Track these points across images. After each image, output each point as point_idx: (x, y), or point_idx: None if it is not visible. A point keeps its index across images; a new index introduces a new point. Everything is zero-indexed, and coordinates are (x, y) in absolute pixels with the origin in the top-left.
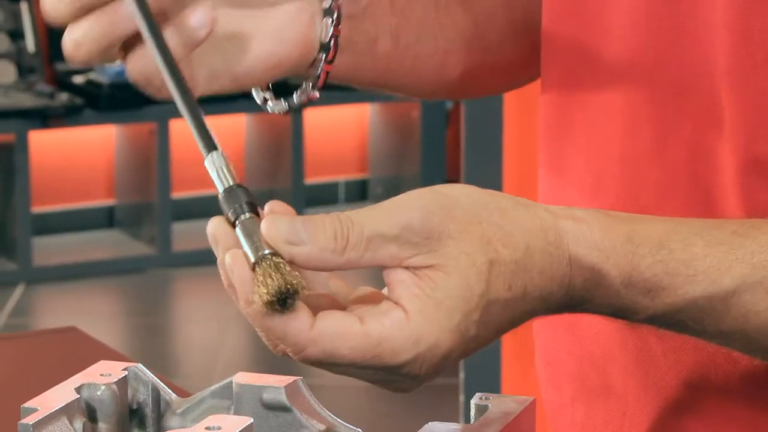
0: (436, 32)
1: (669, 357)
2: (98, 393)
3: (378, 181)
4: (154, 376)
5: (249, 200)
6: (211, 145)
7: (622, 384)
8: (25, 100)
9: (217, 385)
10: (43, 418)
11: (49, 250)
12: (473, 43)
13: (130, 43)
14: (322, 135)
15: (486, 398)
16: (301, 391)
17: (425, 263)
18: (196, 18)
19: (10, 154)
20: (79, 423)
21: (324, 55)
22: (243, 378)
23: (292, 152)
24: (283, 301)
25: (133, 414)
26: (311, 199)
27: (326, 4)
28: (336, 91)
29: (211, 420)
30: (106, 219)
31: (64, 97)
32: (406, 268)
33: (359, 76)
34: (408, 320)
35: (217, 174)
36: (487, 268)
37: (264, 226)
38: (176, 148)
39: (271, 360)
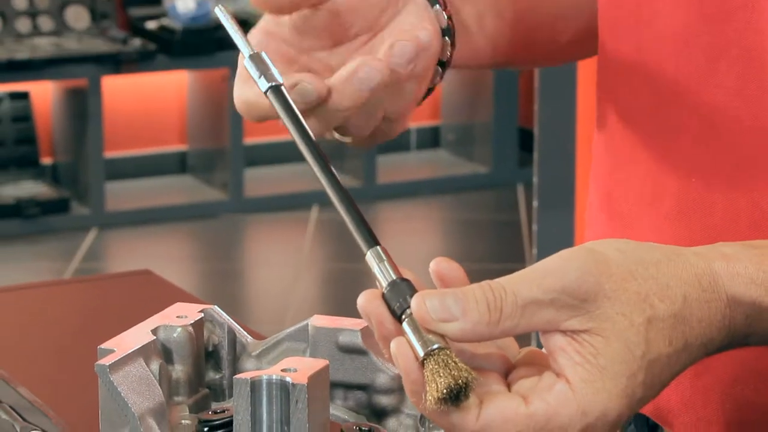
0: (540, 1)
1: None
2: (174, 335)
3: (450, 128)
4: (230, 319)
5: (413, 293)
6: (371, 242)
7: None
8: (98, 45)
9: (292, 328)
10: (119, 359)
11: (121, 195)
12: (582, 4)
13: None
14: None
15: None
16: None
17: (583, 327)
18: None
19: (83, 99)
20: (155, 364)
21: (449, 39)
22: (319, 321)
23: None
24: (454, 398)
25: (208, 356)
26: (383, 145)
27: None
28: None
29: (287, 362)
30: (178, 164)
31: (137, 42)
32: (564, 332)
33: (474, 57)
34: (573, 392)
35: (379, 269)
36: (645, 327)
37: (413, 304)
38: None
39: (342, 306)
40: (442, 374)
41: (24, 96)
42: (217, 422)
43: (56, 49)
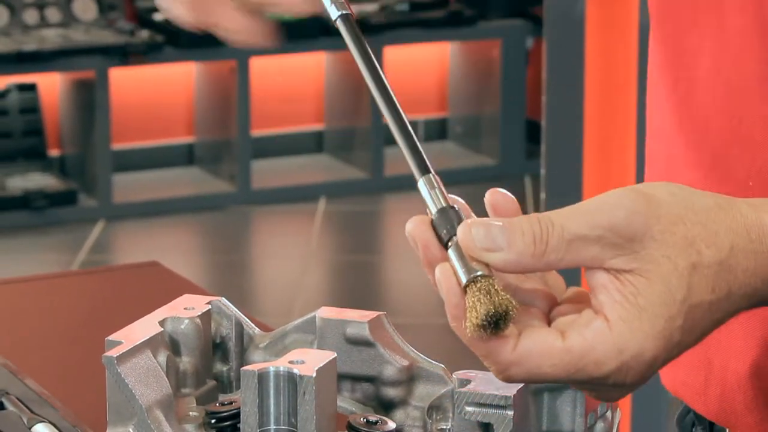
0: None
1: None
2: (182, 326)
3: (457, 120)
4: (237, 310)
5: (461, 221)
6: (424, 169)
7: None
8: (105, 36)
9: (300, 320)
10: (127, 351)
11: (129, 186)
12: None
13: None
14: (402, 73)
15: None
16: (384, 327)
17: (627, 266)
18: None
19: (90, 91)
20: (162, 356)
21: None
22: (326, 312)
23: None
24: (494, 325)
25: (216, 347)
26: (390, 137)
27: None
28: (416, 30)
29: (295, 354)
30: (186, 156)
31: (144, 34)
32: (608, 270)
33: None
34: (610, 329)
35: (430, 196)
36: (688, 272)
37: (459, 233)
38: (256, 85)
39: (350, 298)
40: (483, 301)
41: (31, 87)
42: (224, 414)
43: (64, 41)
